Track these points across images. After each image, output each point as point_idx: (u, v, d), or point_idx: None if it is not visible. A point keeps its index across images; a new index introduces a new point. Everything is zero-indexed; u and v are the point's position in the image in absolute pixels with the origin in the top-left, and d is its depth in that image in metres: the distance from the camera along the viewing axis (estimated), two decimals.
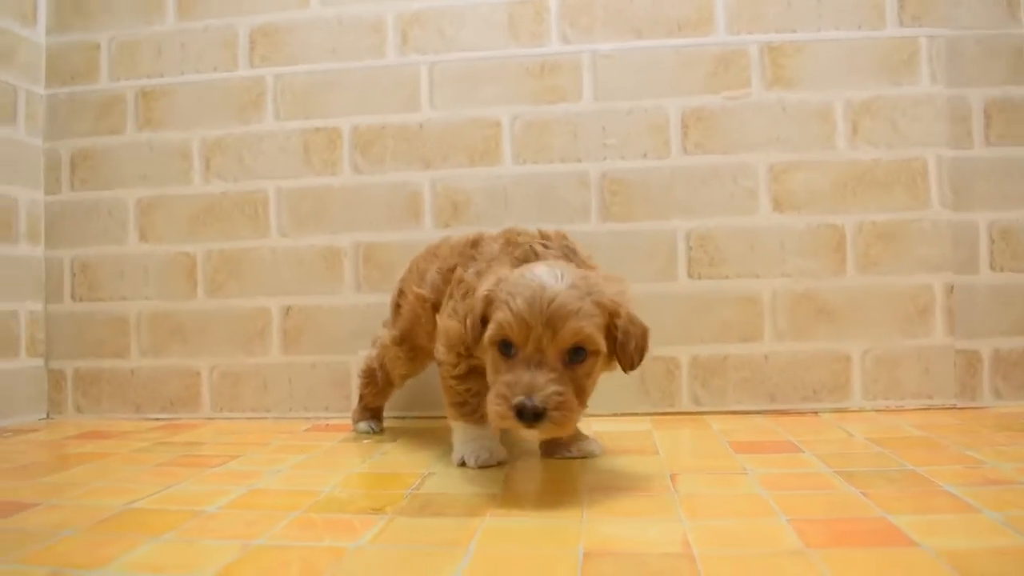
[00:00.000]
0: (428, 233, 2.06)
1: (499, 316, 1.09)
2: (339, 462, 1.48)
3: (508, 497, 1.14)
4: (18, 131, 2.17)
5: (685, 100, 2.03)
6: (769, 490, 1.15)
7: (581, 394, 1.10)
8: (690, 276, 2.01)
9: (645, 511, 1.05)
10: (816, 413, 1.96)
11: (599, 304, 1.10)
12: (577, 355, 1.09)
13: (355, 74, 2.13)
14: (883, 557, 0.84)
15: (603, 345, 1.11)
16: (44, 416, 2.20)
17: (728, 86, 2.02)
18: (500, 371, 1.10)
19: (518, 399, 1.03)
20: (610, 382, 1.88)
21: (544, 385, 1.03)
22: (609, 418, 1.95)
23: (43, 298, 2.23)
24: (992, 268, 1.97)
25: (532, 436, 1.10)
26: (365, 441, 1.73)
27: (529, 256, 1.27)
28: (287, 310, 2.13)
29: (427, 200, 2.08)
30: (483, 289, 1.17)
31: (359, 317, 2.09)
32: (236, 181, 2.16)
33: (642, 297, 1.98)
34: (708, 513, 1.04)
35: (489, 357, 1.15)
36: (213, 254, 2.16)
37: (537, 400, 1.02)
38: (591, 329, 1.07)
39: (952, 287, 1.97)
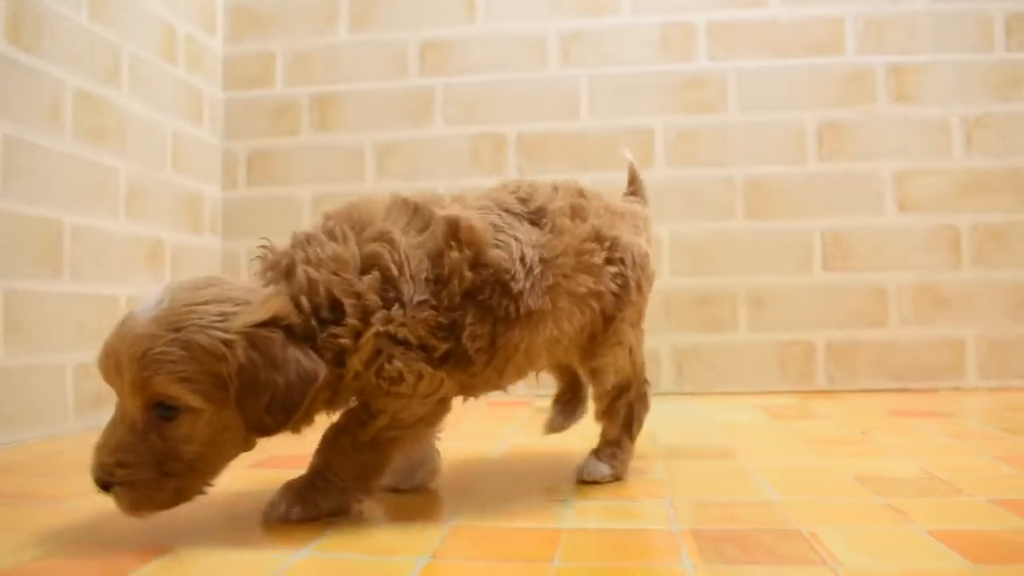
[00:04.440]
0: None
1: None
2: None
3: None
4: (203, 131, 2.35)
5: (820, 113, 2.28)
6: (956, 439, 1.44)
7: (174, 461, 0.81)
8: (824, 269, 2.26)
9: (888, 452, 1.33)
10: (936, 391, 2.22)
11: (194, 345, 0.79)
12: (167, 411, 0.81)
13: (519, 84, 2.35)
14: None
15: (198, 400, 0.80)
16: None
17: (857, 101, 2.28)
18: None
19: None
20: (749, 362, 2.17)
21: (106, 452, 0.80)
22: (752, 396, 2.19)
23: None
24: None
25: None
26: None
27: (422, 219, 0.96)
28: None
29: None
30: None
31: None
32: (408, 180, 2.36)
33: (781, 287, 2.24)
34: (933, 452, 1.32)
35: None
36: None
37: (93, 470, 0.81)
38: (168, 381, 0.78)
39: None
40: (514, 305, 0.96)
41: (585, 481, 1.12)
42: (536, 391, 2.08)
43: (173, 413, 0.81)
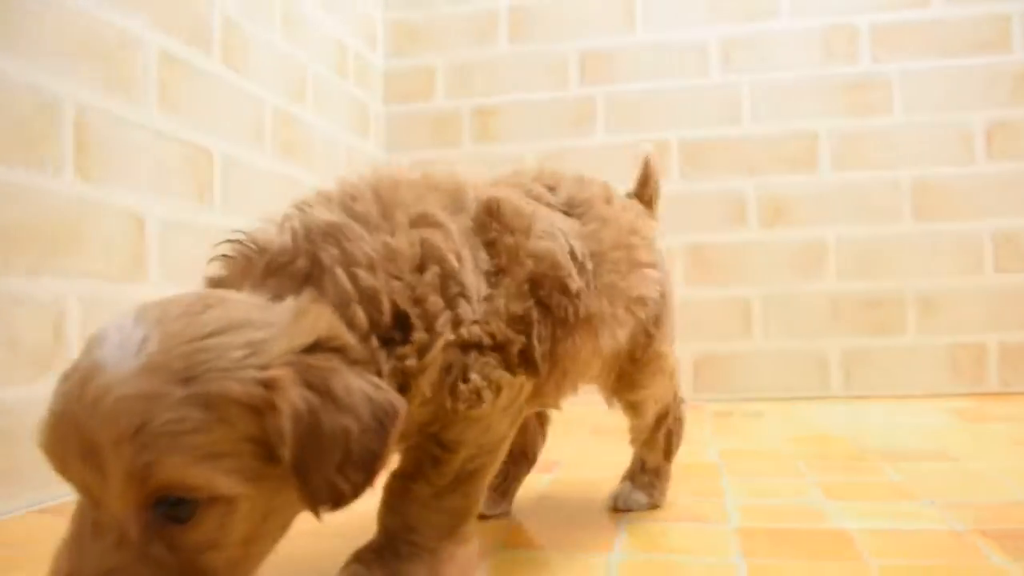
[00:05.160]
0: (753, 233, 2.30)
1: None
2: None
3: None
4: (369, 144, 2.42)
5: (988, 112, 2.26)
6: None
7: None
8: (996, 271, 2.25)
9: None
10: None
11: (221, 400, 0.52)
12: (180, 508, 0.52)
13: (680, 91, 2.37)
14: None
15: (234, 483, 0.53)
16: None
17: None
18: None
19: None
20: (919, 365, 2.14)
21: None
22: (922, 399, 2.19)
23: None
24: None
25: None
26: None
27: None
28: None
29: (751, 204, 2.32)
30: None
31: (687, 308, 2.33)
32: None
33: (950, 290, 2.23)
34: None
35: None
36: None
37: None
38: (186, 462, 0.51)
39: None
40: (572, 307, 0.79)
41: (619, 510, 1.05)
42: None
43: (189, 509, 0.52)
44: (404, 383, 0.65)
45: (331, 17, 2.21)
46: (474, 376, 0.70)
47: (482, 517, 1.02)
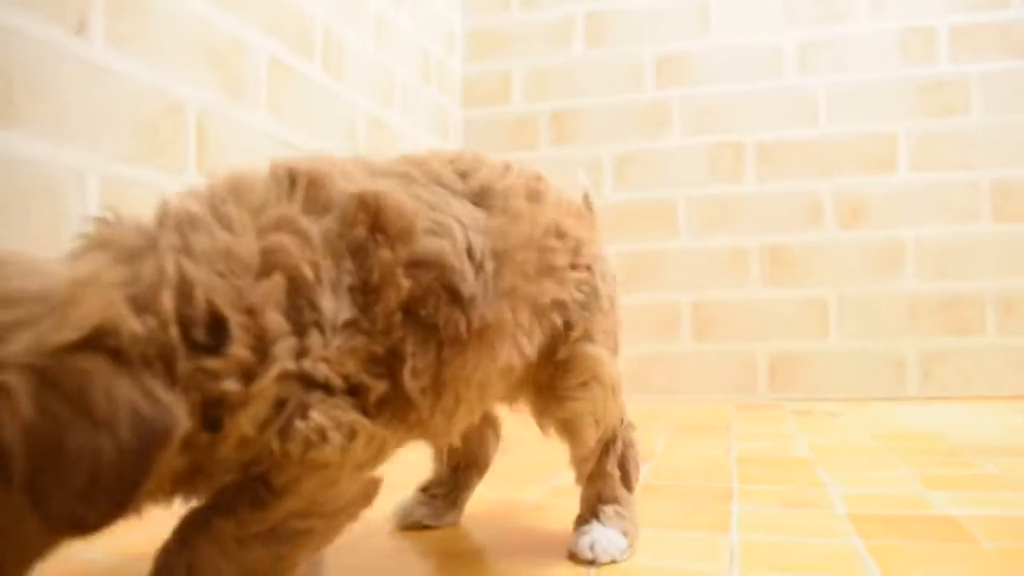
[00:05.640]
0: (830, 234, 2.31)
1: None
2: None
3: None
4: (448, 147, 2.48)
5: None
6: None
7: None
8: None
9: None
10: None
11: None
12: None
13: (756, 94, 2.40)
14: None
15: None
16: None
17: None
18: None
19: None
20: (999, 366, 2.06)
21: None
22: (1003, 400, 2.18)
23: None
24: None
25: None
26: None
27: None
28: (695, 304, 2.41)
29: (827, 204, 2.34)
30: None
31: (763, 308, 2.36)
32: (647, 190, 2.44)
33: None
34: None
35: None
36: (622, 255, 2.45)
37: None
38: None
39: None
40: (464, 318, 0.67)
41: (591, 562, 0.81)
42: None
43: None
44: (212, 413, 0.53)
45: (415, 25, 2.28)
46: (315, 416, 0.56)
47: (426, 528, 0.96)
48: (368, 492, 0.63)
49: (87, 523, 0.47)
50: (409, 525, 0.97)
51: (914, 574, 0.75)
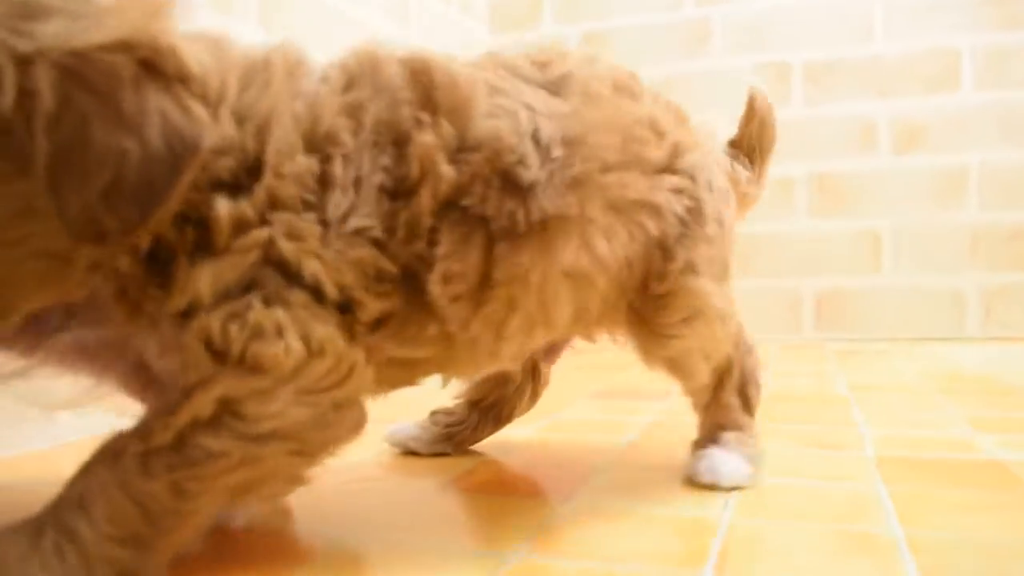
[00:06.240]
0: (885, 160, 2.13)
1: None
2: None
3: None
4: None
5: None
6: None
7: None
8: None
9: None
10: None
11: None
12: None
13: (804, 9, 2.21)
14: None
15: None
16: None
17: None
18: None
19: None
20: None
21: None
22: None
23: None
24: None
25: None
26: None
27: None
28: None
29: (882, 129, 2.15)
30: None
31: (810, 242, 2.20)
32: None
33: None
34: None
35: None
36: None
37: None
38: None
39: None
40: (523, 209, 0.57)
41: (711, 487, 0.73)
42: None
43: None
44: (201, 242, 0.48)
45: None
46: (282, 314, 0.48)
47: (413, 453, 0.89)
48: (331, 427, 0.52)
49: (106, 230, 0.43)
50: (396, 444, 0.91)
51: (937, 524, 0.63)
